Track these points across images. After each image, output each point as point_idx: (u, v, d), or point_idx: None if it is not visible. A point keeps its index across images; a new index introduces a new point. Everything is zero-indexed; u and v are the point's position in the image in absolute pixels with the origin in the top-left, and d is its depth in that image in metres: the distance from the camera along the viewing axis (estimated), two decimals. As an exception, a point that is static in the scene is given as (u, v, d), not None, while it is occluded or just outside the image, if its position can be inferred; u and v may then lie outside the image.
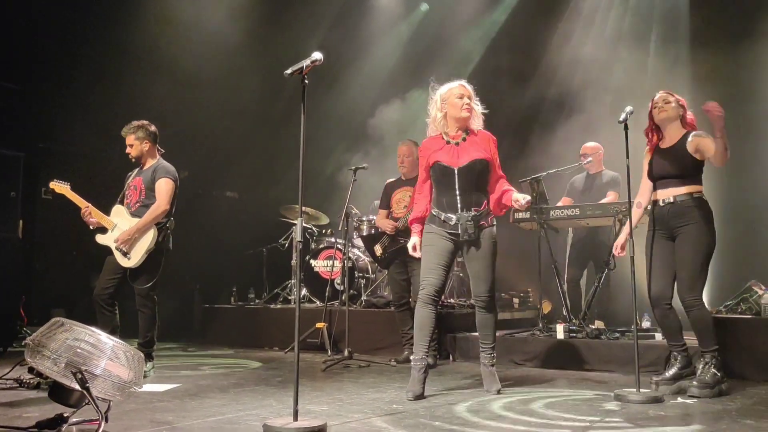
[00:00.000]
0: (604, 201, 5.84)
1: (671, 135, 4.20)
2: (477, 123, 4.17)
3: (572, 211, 5.60)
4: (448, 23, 8.83)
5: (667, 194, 4.13)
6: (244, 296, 7.83)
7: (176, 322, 8.18)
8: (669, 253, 4.12)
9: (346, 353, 5.44)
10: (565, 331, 5.42)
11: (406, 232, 5.48)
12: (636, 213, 4.31)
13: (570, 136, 7.04)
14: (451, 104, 4.11)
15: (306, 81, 3.22)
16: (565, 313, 5.80)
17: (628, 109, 4.06)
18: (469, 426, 3.22)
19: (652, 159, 4.25)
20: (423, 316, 4.07)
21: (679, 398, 3.91)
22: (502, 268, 7.66)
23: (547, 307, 7.23)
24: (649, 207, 4.30)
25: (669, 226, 4.13)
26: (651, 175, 4.24)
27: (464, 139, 4.13)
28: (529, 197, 4.07)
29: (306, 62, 3.23)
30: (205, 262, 8.52)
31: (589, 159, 6.15)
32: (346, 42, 8.95)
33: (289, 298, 7.44)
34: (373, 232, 6.30)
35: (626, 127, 4.02)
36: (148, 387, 4.20)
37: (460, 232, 4.03)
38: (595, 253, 6.14)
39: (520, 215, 5.80)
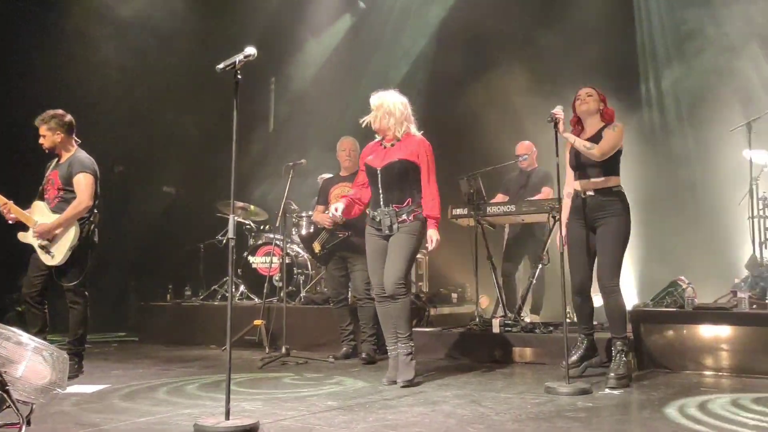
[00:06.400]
0: (538, 197, 5.98)
1: (590, 127, 4.36)
2: (402, 128, 4.37)
3: (508, 208, 5.70)
4: (386, 20, 8.86)
5: (587, 186, 4.29)
6: (181, 293, 7.68)
7: (110, 320, 7.98)
8: (587, 242, 4.27)
9: (283, 350, 5.41)
10: (500, 326, 5.52)
11: (344, 227, 5.49)
12: (566, 204, 4.47)
13: (505, 133, 7.17)
14: None
15: (239, 76, 3.18)
16: (500, 308, 5.91)
17: (557, 108, 4.18)
18: (401, 421, 3.25)
19: (572, 150, 4.39)
20: (381, 313, 4.46)
21: (606, 389, 4.03)
22: (441, 264, 7.83)
23: (485, 302, 7.35)
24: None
25: (588, 216, 4.28)
26: (571, 165, 4.40)
27: (393, 145, 4.38)
28: (435, 241, 4.29)
29: (239, 57, 3.19)
30: (140, 258, 8.34)
31: (524, 156, 6.27)
32: (284, 37, 8.87)
33: (227, 294, 7.32)
34: (311, 230, 6.27)
35: (555, 126, 4.14)
36: (76, 388, 4.09)
37: (381, 227, 4.32)
38: (530, 249, 6.27)
39: (458, 211, 5.88)
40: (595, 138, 4.26)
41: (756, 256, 5.44)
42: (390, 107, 4.36)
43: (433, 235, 4.30)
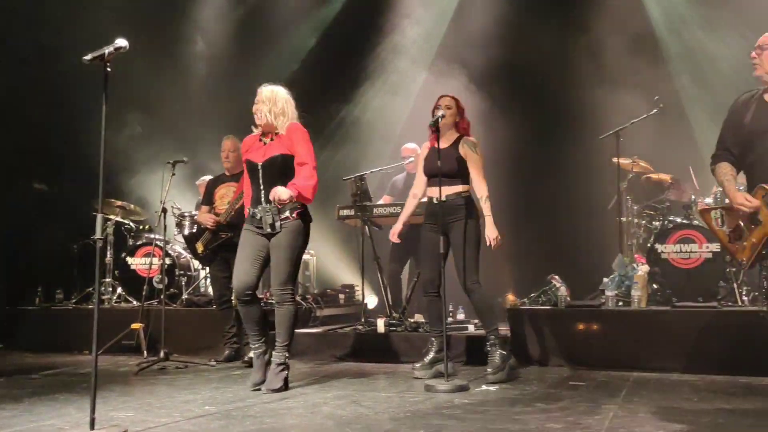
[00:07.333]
0: (424, 199, 6.07)
1: (446, 137, 4.55)
2: (286, 126, 4.19)
3: (394, 209, 5.78)
4: (278, 16, 8.76)
5: (441, 192, 4.40)
6: (51, 297, 7.23)
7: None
8: (438, 245, 4.36)
9: (162, 354, 5.21)
10: (385, 325, 5.58)
11: (228, 228, 5.39)
12: (412, 203, 4.74)
13: (392, 135, 7.28)
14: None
15: (108, 68, 3.03)
16: (386, 308, 5.97)
17: (439, 113, 4.31)
18: (279, 424, 3.21)
19: (427, 157, 4.62)
20: (243, 313, 4.27)
21: (483, 386, 4.16)
22: (328, 264, 7.83)
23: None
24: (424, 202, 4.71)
25: (441, 221, 4.41)
26: (425, 172, 4.60)
27: (272, 140, 4.22)
28: (287, 195, 3.97)
29: (109, 48, 3.05)
30: (7, 259, 7.77)
31: (411, 159, 6.37)
32: (171, 28, 8.57)
33: (104, 297, 6.98)
34: (194, 230, 6.10)
35: (437, 130, 4.26)
36: (-76, 401, 3.75)
37: (263, 225, 4.12)
38: (416, 249, 6.35)
39: (345, 212, 5.91)
40: (452, 148, 4.51)
41: (622, 257, 5.78)
42: (284, 107, 4.19)
43: (282, 193, 3.94)
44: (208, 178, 6.04)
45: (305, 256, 7.63)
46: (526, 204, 7.03)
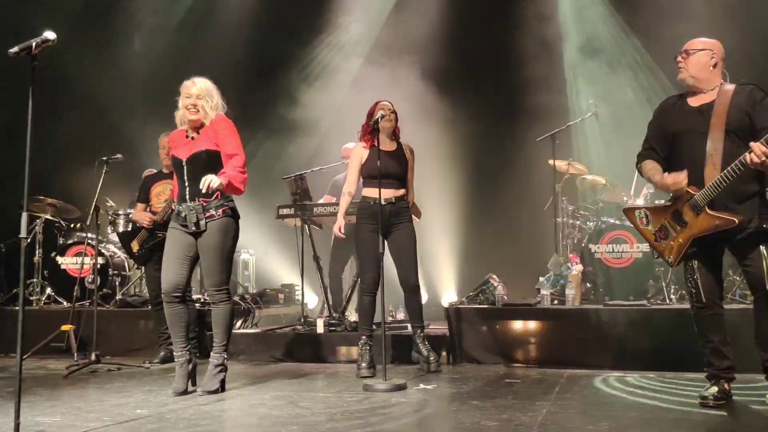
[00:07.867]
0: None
1: (388, 140, 4.68)
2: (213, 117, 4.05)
3: (334, 208, 5.75)
4: (218, 11, 8.61)
5: (387, 194, 4.53)
6: (-24, 297, 6.93)
7: None
8: (379, 245, 4.35)
9: (93, 357, 5.06)
10: (325, 325, 5.56)
11: (164, 226, 5.26)
12: (347, 201, 4.80)
13: (333, 135, 7.25)
14: (182, 102, 4.05)
15: (36, 62, 2.91)
16: (325, 307, 5.95)
17: (380, 113, 4.35)
18: (213, 427, 3.16)
19: (369, 158, 4.63)
20: (169, 314, 4.10)
21: (421, 384, 4.19)
22: (268, 264, 7.74)
23: None
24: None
25: (385, 222, 4.46)
26: (369, 174, 4.63)
27: (198, 133, 4.07)
28: (217, 183, 3.78)
29: (36, 41, 2.92)
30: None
31: (351, 159, 6.36)
32: (108, 24, 8.32)
33: (32, 298, 6.73)
34: (129, 228, 5.95)
35: (377, 130, 4.31)
36: None
37: (188, 223, 3.99)
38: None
39: (284, 211, 5.86)
40: (399, 152, 4.70)
41: (557, 256, 5.92)
42: (218, 100, 4.07)
43: (213, 180, 3.76)
44: (154, 171, 5.92)
45: (245, 256, 7.56)
46: (464, 204, 7.12)
